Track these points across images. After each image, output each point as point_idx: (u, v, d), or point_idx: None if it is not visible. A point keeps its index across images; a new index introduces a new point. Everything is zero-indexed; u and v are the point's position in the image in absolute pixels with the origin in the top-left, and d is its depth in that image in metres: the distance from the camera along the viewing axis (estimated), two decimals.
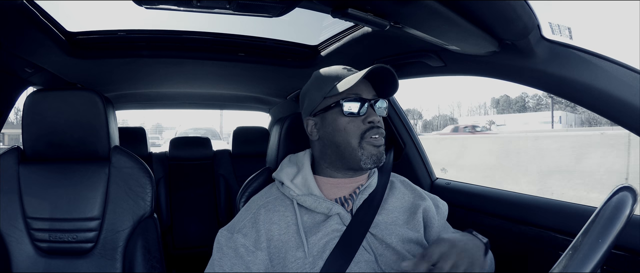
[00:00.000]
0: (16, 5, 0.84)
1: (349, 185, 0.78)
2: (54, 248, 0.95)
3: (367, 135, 0.73)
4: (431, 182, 1.36)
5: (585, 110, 5.14)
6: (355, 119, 0.74)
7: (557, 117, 28.25)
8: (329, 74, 0.78)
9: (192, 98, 2.12)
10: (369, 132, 0.73)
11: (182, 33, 1.24)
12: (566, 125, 27.82)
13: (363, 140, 0.73)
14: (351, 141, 0.73)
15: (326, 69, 0.80)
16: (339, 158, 0.76)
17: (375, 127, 0.74)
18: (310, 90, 0.80)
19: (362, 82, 0.75)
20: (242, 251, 0.70)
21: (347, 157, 0.75)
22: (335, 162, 0.77)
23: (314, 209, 0.73)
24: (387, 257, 0.72)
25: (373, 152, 0.74)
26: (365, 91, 0.75)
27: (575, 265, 0.40)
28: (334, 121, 0.75)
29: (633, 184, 0.45)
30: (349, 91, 0.73)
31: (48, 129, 0.97)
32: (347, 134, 0.74)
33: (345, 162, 0.75)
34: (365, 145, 0.73)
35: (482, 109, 60.21)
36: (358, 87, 0.74)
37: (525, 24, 0.67)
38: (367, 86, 0.76)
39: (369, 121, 0.74)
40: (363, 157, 0.73)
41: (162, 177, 2.10)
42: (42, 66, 1.23)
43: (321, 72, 0.80)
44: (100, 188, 0.99)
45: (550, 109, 29.48)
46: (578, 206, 0.88)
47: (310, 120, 0.79)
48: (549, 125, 25.98)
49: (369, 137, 0.73)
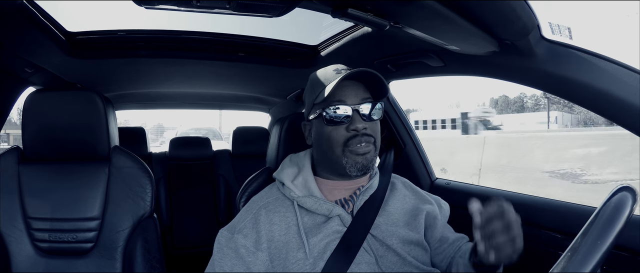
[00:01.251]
0: (16, 5, 0.83)
1: (349, 187, 0.77)
2: (53, 248, 0.95)
3: (350, 143, 0.71)
4: (431, 182, 1.36)
5: (582, 110, 5.30)
6: (338, 126, 0.72)
7: (553, 117, 28.36)
8: (317, 79, 0.76)
9: (192, 98, 2.11)
10: (352, 140, 0.71)
11: (182, 33, 1.24)
12: (562, 125, 27.92)
13: (346, 149, 0.71)
14: (335, 149, 0.72)
15: (319, 71, 0.78)
16: (328, 164, 0.76)
17: (359, 134, 0.71)
18: (305, 95, 0.80)
19: (350, 86, 0.73)
20: (243, 252, 0.70)
21: (333, 164, 0.74)
22: (327, 167, 0.77)
23: (314, 211, 0.73)
24: (388, 259, 0.72)
25: (357, 160, 0.72)
26: (351, 96, 0.72)
27: (575, 265, 0.40)
28: (319, 129, 0.74)
29: (632, 184, 0.45)
30: (332, 97, 0.72)
31: (48, 129, 0.97)
32: (330, 142, 0.72)
33: (334, 168, 0.75)
34: (348, 154, 0.71)
35: (482, 108, 60.14)
36: (343, 91, 0.72)
37: (525, 24, 0.67)
38: (357, 89, 0.73)
39: (353, 129, 0.71)
40: (347, 165, 0.72)
41: (162, 177, 2.10)
42: (42, 66, 1.23)
43: (312, 76, 0.79)
44: (100, 188, 0.99)
45: (548, 110, 29.61)
46: (578, 206, 0.88)
47: (307, 124, 0.80)
48: (546, 125, 26.10)
49: (352, 146, 0.71)
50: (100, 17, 3.10)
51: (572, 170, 6.56)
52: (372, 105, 0.73)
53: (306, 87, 0.80)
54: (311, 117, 0.77)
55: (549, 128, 24.65)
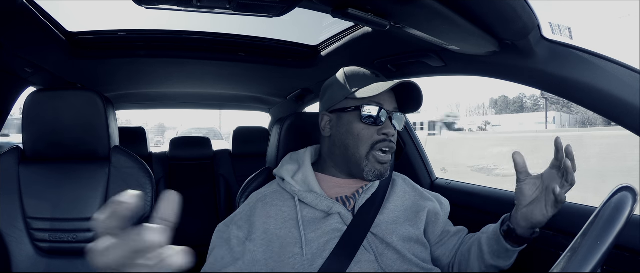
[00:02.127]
0: (16, 5, 0.83)
1: (352, 185, 0.78)
2: (54, 249, 0.95)
3: (377, 146, 0.73)
4: (431, 182, 1.36)
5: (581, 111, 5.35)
6: (370, 127, 0.73)
7: (551, 117, 28.55)
8: (355, 74, 0.76)
9: (192, 98, 2.11)
10: (380, 144, 0.73)
11: (182, 33, 1.24)
12: (560, 125, 28.09)
13: (372, 150, 0.73)
14: (361, 148, 0.73)
15: (354, 68, 0.79)
16: (344, 161, 0.76)
17: (388, 140, 0.73)
18: (333, 86, 0.79)
19: (387, 93, 0.74)
20: (234, 242, 0.70)
21: (352, 163, 0.74)
22: (340, 164, 0.77)
23: (314, 206, 0.73)
24: (388, 257, 0.72)
25: (377, 167, 0.73)
26: (387, 102, 0.74)
27: (575, 266, 0.40)
28: (350, 123, 0.74)
29: (633, 184, 0.45)
30: (372, 98, 0.73)
31: (48, 129, 0.97)
32: (359, 140, 0.73)
33: (350, 167, 0.75)
34: (371, 158, 0.73)
35: (481, 109, 60.23)
36: (382, 96, 0.73)
37: (525, 23, 0.67)
38: (391, 97, 0.75)
39: (384, 133, 0.73)
40: (367, 168, 0.73)
41: (162, 177, 2.10)
42: (42, 66, 1.23)
43: (348, 70, 0.79)
44: (100, 188, 0.99)
45: (546, 110, 29.76)
46: (578, 206, 0.88)
47: (326, 115, 0.78)
48: (544, 125, 26.28)
49: (378, 149, 0.72)
50: (100, 17, 3.10)
51: (488, 166, 8.47)
52: (402, 116, 0.76)
53: (333, 78, 0.80)
54: (337, 109, 0.76)
55: (546, 128, 24.83)
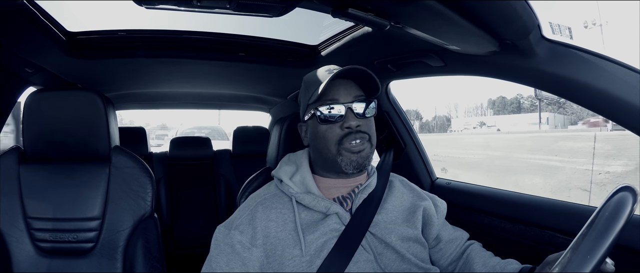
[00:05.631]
0: (16, 6, 0.83)
1: (347, 185, 0.78)
2: (54, 248, 0.95)
3: (345, 141, 0.72)
4: (431, 182, 1.36)
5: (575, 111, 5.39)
6: (332, 125, 0.72)
7: (544, 118, 28.84)
8: (311, 80, 0.77)
9: (192, 98, 2.11)
10: (346, 137, 0.72)
11: (182, 33, 1.24)
12: (553, 126, 28.39)
13: (341, 146, 0.72)
14: (330, 147, 0.73)
15: (313, 72, 0.79)
16: (325, 163, 0.76)
17: (353, 131, 0.72)
18: (300, 96, 0.81)
19: (342, 85, 0.74)
20: (239, 247, 0.70)
21: (329, 162, 0.75)
22: (324, 166, 0.77)
23: (312, 207, 0.73)
24: (387, 256, 0.72)
25: (352, 158, 0.72)
26: (344, 94, 0.73)
27: (575, 265, 0.40)
28: (315, 128, 0.75)
29: (633, 184, 0.45)
30: (325, 97, 0.73)
31: (48, 129, 0.97)
32: (325, 141, 0.73)
33: (331, 166, 0.75)
34: (343, 152, 0.72)
35: (479, 109, 60.16)
36: (336, 90, 0.73)
37: (526, 23, 0.67)
38: (350, 88, 0.74)
39: (347, 126, 0.72)
40: (342, 163, 0.72)
41: (163, 176, 2.10)
42: (42, 66, 1.23)
43: (306, 77, 0.80)
44: (100, 188, 0.99)
45: (544, 110, 30.00)
46: (578, 206, 0.88)
47: (303, 125, 0.80)
48: (537, 126, 26.59)
49: (347, 143, 0.71)
50: (100, 17, 3.09)
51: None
52: (365, 103, 0.74)
53: (301, 89, 0.81)
54: (306, 118, 0.77)
55: (539, 128, 25.08)
